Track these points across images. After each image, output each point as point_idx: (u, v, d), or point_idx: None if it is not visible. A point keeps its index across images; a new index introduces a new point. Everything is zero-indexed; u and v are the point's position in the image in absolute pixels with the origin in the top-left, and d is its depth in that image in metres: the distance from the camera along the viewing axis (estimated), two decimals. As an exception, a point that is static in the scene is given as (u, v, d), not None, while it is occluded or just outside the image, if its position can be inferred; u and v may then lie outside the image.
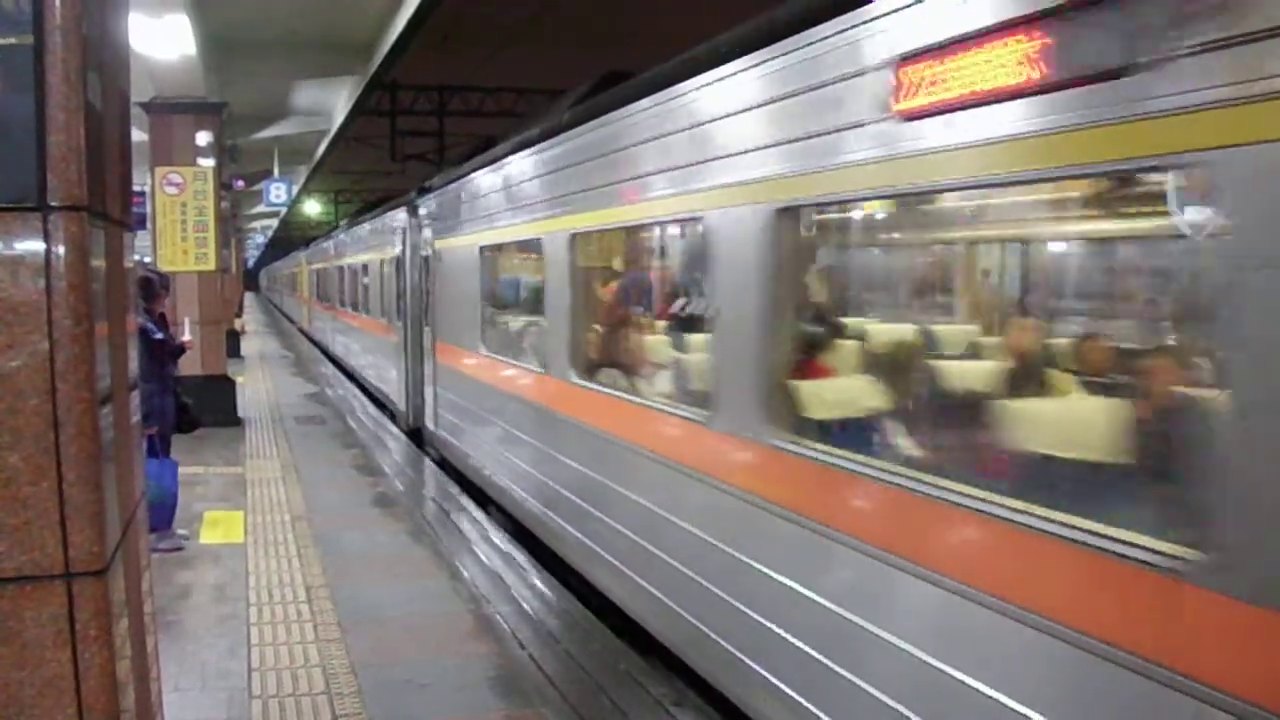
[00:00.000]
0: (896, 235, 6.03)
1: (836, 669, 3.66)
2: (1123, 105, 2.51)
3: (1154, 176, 3.13)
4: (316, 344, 27.40)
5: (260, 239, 57.99)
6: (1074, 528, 2.70)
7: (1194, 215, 2.68)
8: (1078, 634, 2.64)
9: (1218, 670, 2.31)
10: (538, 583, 6.62)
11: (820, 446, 3.91)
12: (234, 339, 20.93)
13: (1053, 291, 5.63)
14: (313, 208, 39.15)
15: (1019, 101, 2.83)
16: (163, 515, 7.23)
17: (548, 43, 16.13)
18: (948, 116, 3.09)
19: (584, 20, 15.21)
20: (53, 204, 1.82)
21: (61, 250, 1.83)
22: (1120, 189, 3.97)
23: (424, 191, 12.09)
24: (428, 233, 11.42)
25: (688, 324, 5.84)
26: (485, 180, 8.89)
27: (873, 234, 5.77)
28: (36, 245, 1.82)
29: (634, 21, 14.89)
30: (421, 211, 11.98)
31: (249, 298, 49.62)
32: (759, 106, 4.19)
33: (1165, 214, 2.97)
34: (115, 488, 2.03)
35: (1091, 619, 2.61)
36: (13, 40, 1.82)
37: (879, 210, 5.10)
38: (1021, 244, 5.60)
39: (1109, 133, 2.56)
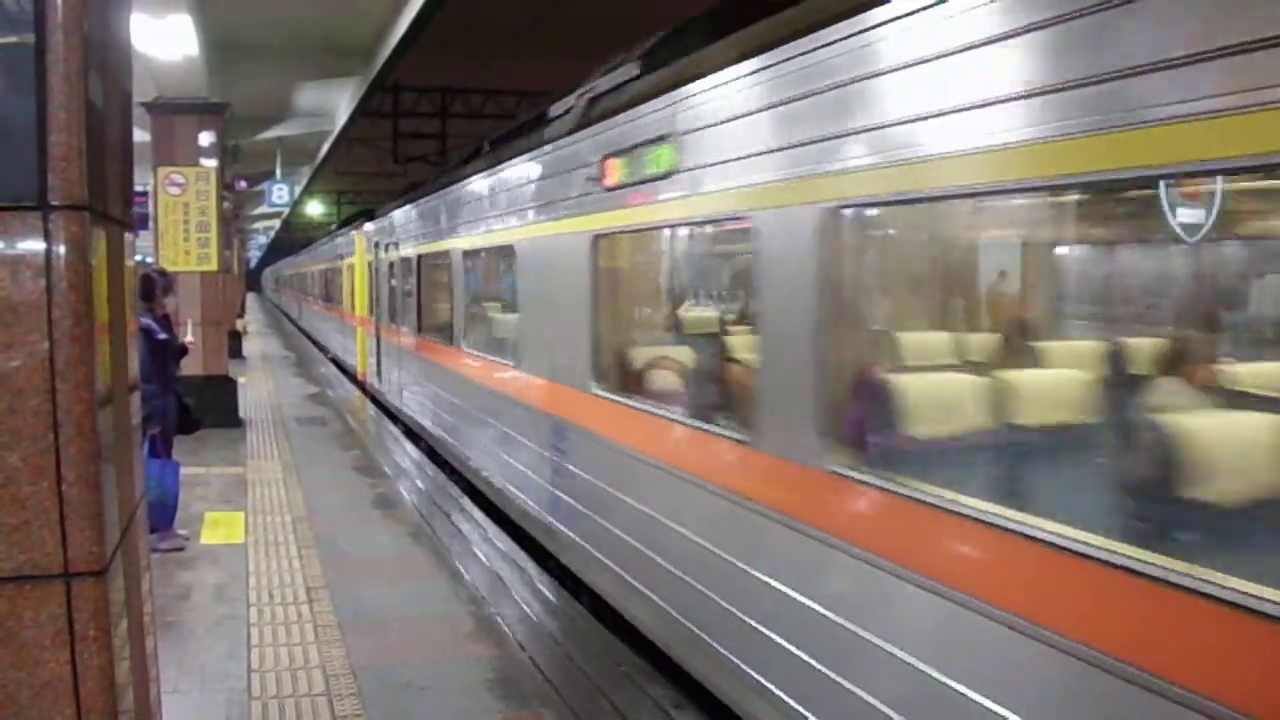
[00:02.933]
0: None
1: None
2: None
3: None
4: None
5: (263, 239, 58.07)
6: None
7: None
8: None
9: None
10: (538, 584, 6.61)
11: None
12: (235, 340, 20.93)
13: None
14: (315, 208, 39.25)
15: None
16: (164, 516, 7.23)
17: (549, 46, 16.15)
18: None
19: (584, 23, 15.21)
20: (53, 204, 1.82)
21: (62, 250, 1.82)
22: None
23: None
24: None
25: None
26: None
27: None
28: (37, 245, 1.82)
29: (634, 25, 14.90)
30: None
31: (250, 298, 49.63)
32: None
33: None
34: (115, 488, 2.02)
35: None
36: (14, 39, 1.81)
37: None
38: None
39: None
